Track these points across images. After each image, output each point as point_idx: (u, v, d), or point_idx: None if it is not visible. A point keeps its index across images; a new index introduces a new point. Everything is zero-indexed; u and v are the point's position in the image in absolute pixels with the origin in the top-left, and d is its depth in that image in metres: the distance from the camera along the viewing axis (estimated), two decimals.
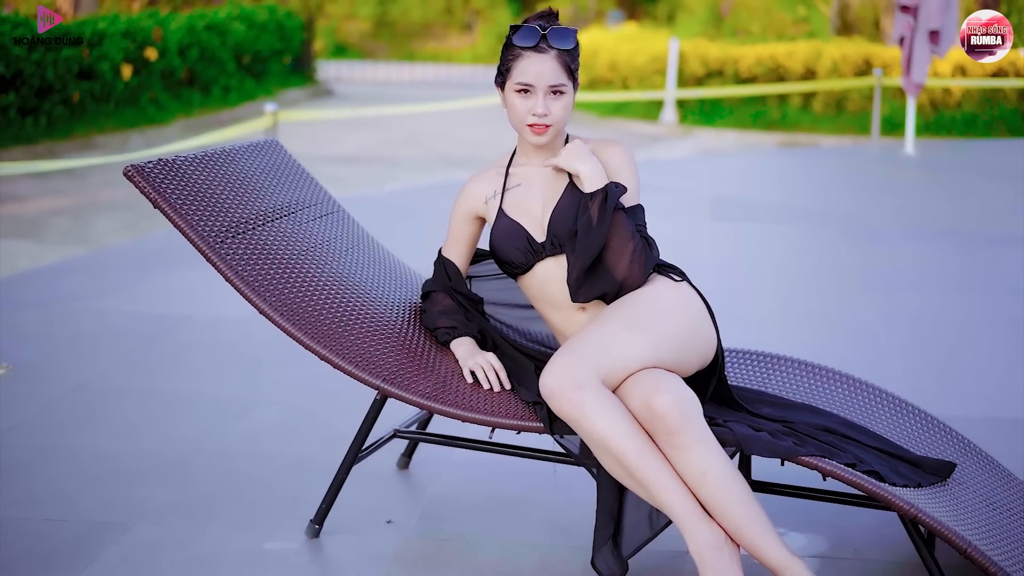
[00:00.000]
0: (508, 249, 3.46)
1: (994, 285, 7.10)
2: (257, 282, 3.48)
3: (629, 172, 3.47)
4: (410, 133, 15.80)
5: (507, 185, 3.54)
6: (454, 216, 3.62)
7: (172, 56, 15.81)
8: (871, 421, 3.77)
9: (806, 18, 24.55)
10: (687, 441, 3.05)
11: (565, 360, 3.14)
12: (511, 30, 3.47)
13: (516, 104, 3.44)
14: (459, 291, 3.62)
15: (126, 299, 6.46)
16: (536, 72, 3.39)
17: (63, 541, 3.54)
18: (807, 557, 3.53)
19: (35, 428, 4.49)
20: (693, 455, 3.05)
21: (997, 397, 5.04)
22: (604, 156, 3.48)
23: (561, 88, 3.41)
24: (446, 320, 3.59)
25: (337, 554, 3.53)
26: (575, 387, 3.07)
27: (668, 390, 3.07)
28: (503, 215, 3.50)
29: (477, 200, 3.58)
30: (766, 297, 6.71)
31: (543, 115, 3.40)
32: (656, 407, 3.05)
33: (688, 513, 3.07)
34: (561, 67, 3.41)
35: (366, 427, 3.59)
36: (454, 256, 3.64)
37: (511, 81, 3.44)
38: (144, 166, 3.51)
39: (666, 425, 3.05)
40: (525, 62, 3.41)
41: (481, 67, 27.66)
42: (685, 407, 3.06)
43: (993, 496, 3.59)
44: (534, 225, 3.46)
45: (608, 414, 3.06)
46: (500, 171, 3.59)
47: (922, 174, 12.11)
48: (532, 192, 3.50)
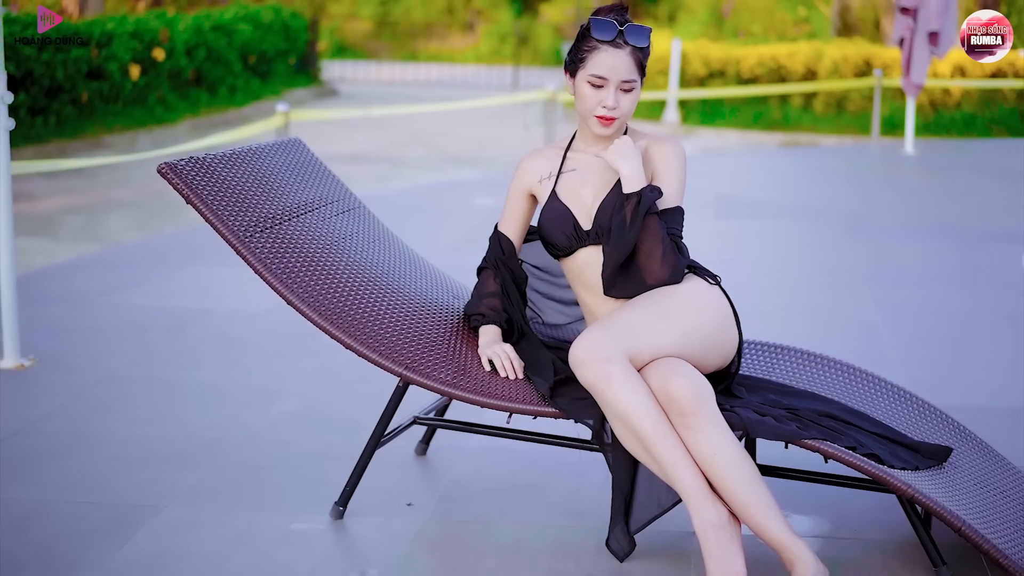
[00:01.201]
0: (554, 232, 3.61)
1: (993, 280, 7.27)
2: (285, 274, 3.64)
3: (676, 172, 3.59)
4: (415, 132, 15.96)
5: (563, 168, 3.68)
6: (510, 191, 3.76)
7: (179, 56, 15.96)
8: (871, 408, 3.92)
9: (807, 19, 24.66)
10: (700, 423, 3.21)
11: (598, 335, 3.30)
12: (589, 20, 3.58)
13: (587, 94, 3.56)
14: (509, 266, 3.75)
15: (145, 294, 6.63)
16: (611, 66, 3.52)
17: (99, 522, 3.70)
18: (810, 537, 3.68)
19: (65, 416, 4.66)
20: (705, 436, 3.22)
21: (994, 387, 5.20)
22: (656, 152, 3.60)
23: (632, 84, 3.55)
24: (483, 307, 3.75)
25: (361, 534, 3.69)
26: (604, 360, 3.24)
27: (684, 374, 3.24)
28: (555, 197, 3.63)
29: (532, 177, 3.72)
30: (769, 291, 6.87)
31: (612, 108, 3.53)
32: (672, 390, 3.22)
33: (696, 491, 3.23)
34: (634, 63, 3.54)
35: (388, 413, 3.75)
36: (508, 231, 3.78)
37: (584, 71, 3.56)
38: (177, 163, 3.67)
39: (681, 407, 3.22)
40: (601, 55, 3.53)
41: (484, 67, 27.79)
42: (699, 391, 3.23)
43: (987, 479, 3.76)
44: (582, 212, 3.60)
45: (632, 389, 3.23)
46: (558, 153, 3.72)
47: (922, 172, 12.28)
48: (586, 179, 3.63)
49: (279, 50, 19.82)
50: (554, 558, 3.51)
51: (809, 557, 3.18)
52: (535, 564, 3.48)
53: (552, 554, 3.54)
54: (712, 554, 3.22)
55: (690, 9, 28.66)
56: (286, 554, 3.53)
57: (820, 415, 3.60)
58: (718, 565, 3.20)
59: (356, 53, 30.50)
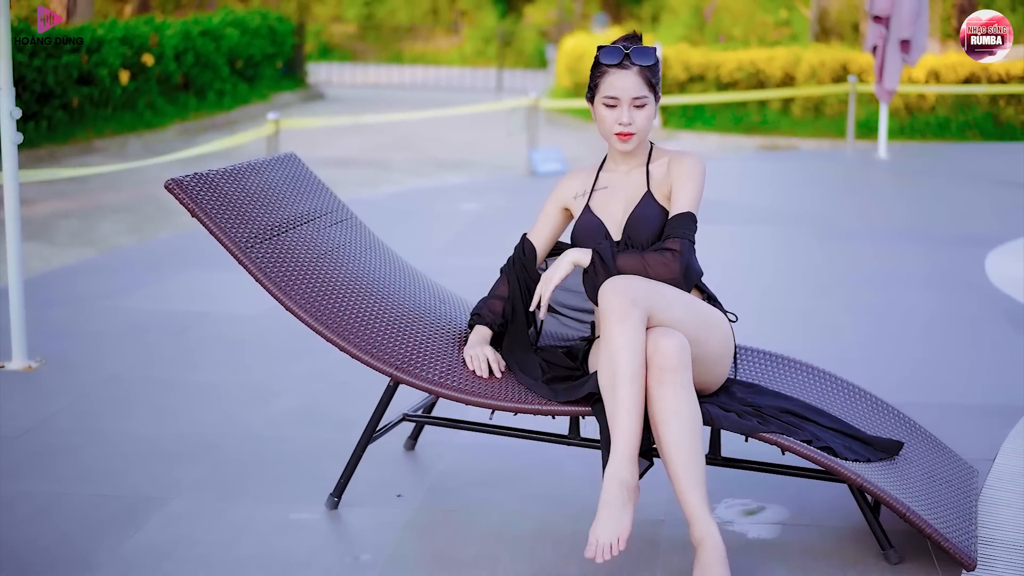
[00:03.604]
0: (586, 241, 3.89)
1: (955, 282, 7.58)
2: (283, 282, 3.94)
3: (692, 180, 3.86)
4: (401, 136, 16.24)
5: (596, 186, 4.00)
6: (546, 205, 4.08)
7: (168, 62, 16.22)
8: (829, 405, 4.22)
9: (787, 21, 24.93)
10: (673, 381, 3.50)
11: (638, 283, 3.60)
12: (598, 50, 3.90)
13: (604, 116, 3.89)
14: (527, 269, 4.04)
15: (144, 297, 6.91)
16: (620, 86, 3.83)
17: (112, 513, 3.99)
18: (769, 524, 3.98)
19: (74, 415, 4.94)
20: (672, 394, 3.50)
21: (951, 385, 5.50)
22: (674, 165, 3.90)
23: (643, 100, 3.85)
24: (485, 308, 4.07)
25: (355, 523, 3.98)
26: (632, 301, 3.53)
27: (676, 337, 3.54)
28: (588, 211, 3.95)
29: (568, 193, 4.04)
30: (741, 295, 7.16)
31: (627, 124, 3.84)
32: (661, 345, 3.51)
33: (627, 446, 3.50)
34: (643, 81, 3.84)
35: (379, 411, 4.04)
36: (535, 238, 4.08)
37: (599, 95, 3.88)
38: (183, 180, 3.97)
39: (663, 362, 3.50)
40: (611, 78, 3.85)
41: (468, 69, 28.07)
42: (683, 356, 3.52)
43: (935, 471, 4.06)
44: (613, 224, 3.91)
45: (634, 337, 3.51)
46: (592, 173, 4.05)
47: (893, 177, 12.61)
48: (616, 196, 3.94)
49: (266, 54, 20.09)
50: (534, 543, 3.79)
51: (716, 539, 3.44)
52: (516, 549, 3.77)
53: (532, 540, 3.82)
54: (609, 504, 3.47)
55: (673, 10, 28.90)
56: (286, 541, 3.81)
57: (780, 411, 3.89)
58: (609, 517, 3.46)
59: (341, 55, 30.73)
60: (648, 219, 3.85)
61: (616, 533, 3.45)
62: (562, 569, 3.64)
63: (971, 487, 4.08)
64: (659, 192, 3.89)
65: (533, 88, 23.19)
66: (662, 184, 3.90)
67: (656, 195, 3.89)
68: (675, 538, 3.84)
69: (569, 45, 21.32)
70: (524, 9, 36.27)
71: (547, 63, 30.05)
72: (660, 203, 3.88)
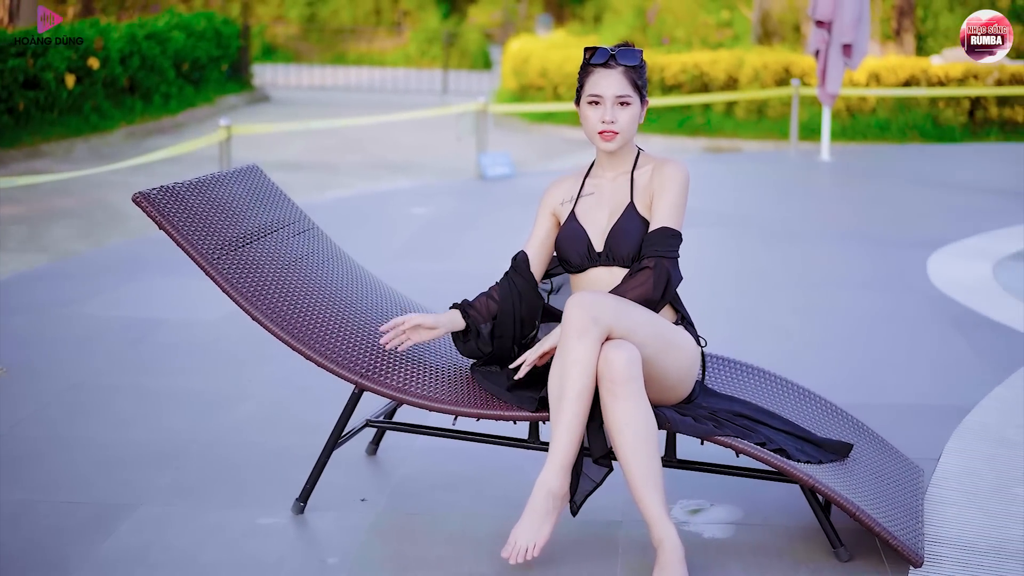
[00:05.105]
0: (569, 250, 3.99)
1: (898, 285, 7.76)
2: (251, 294, 4.03)
3: (670, 190, 3.93)
4: (349, 139, 16.30)
5: (582, 192, 4.07)
6: (538, 211, 4.14)
7: (114, 65, 16.17)
8: (781, 408, 4.36)
9: (729, 22, 25.17)
10: (624, 393, 3.62)
11: (605, 300, 3.69)
12: (585, 51, 3.99)
13: (589, 116, 3.97)
14: (521, 275, 4.06)
15: (103, 304, 6.97)
16: (604, 85, 3.93)
17: (83, 519, 4.06)
18: (724, 524, 4.12)
19: (39, 422, 5.00)
20: (623, 406, 3.62)
21: (896, 386, 5.67)
22: (656, 173, 3.98)
23: (627, 99, 3.93)
24: (469, 300, 4.12)
25: (321, 527, 4.08)
26: (593, 320, 3.63)
27: (626, 349, 3.64)
28: (573, 218, 4.03)
29: (555, 200, 4.11)
30: (689, 298, 7.28)
31: (611, 122, 3.92)
32: (611, 357, 3.62)
33: (562, 457, 3.65)
34: (627, 81, 3.93)
35: (344, 417, 4.14)
36: (531, 247, 4.12)
37: (585, 95, 3.97)
38: (150, 193, 4.05)
39: (613, 374, 3.61)
40: (595, 77, 3.95)
41: (414, 70, 28.13)
42: (632, 367, 3.63)
43: (883, 470, 4.21)
44: (597, 233, 3.99)
45: (587, 354, 3.62)
46: (578, 179, 4.12)
47: (836, 179, 12.84)
48: (602, 203, 4.02)
49: (212, 57, 20.06)
50: (496, 545, 3.89)
51: (674, 540, 3.58)
52: (479, 551, 3.88)
53: (494, 541, 3.92)
54: (535, 511, 3.65)
55: (616, 10, 29.05)
56: (255, 545, 3.91)
57: (734, 415, 4.02)
58: (532, 522, 3.64)
59: (284, 55, 30.68)
60: (629, 232, 3.93)
61: (534, 539, 3.65)
62: (524, 571, 3.75)
63: (917, 486, 4.23)
64: (642, 202, 3.97)
65: (479, 90, 23.31)
66: (645, 193, 3.97)
67: (639, 206, 3.96)
68: (633, 537, 3.97)
69: (515, 47, 21.44)
70: (468, 10, 36.36)
71: (491, 64, 30.16)
72: (642, 215, 3.95)
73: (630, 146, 4.04)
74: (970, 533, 4.01)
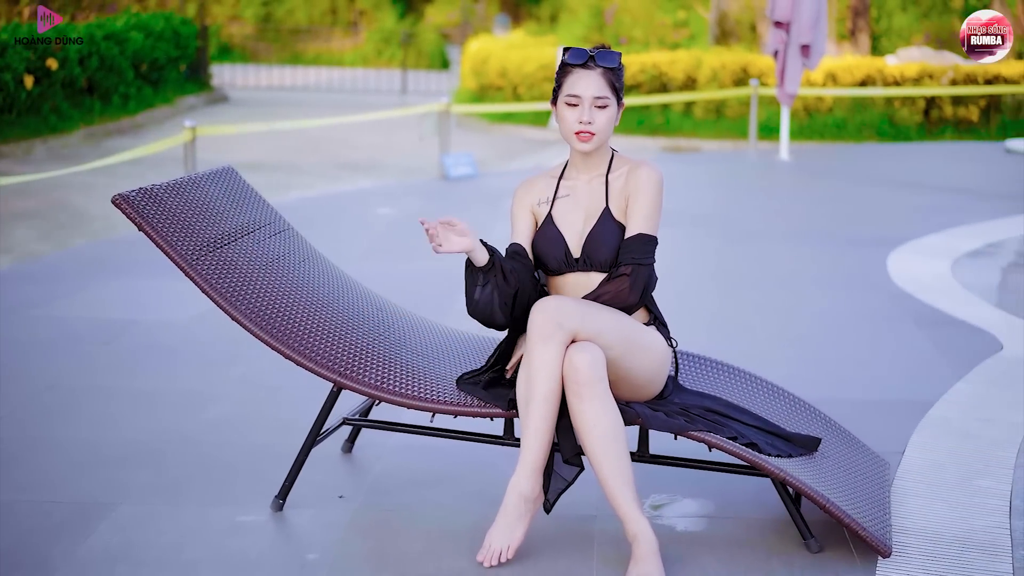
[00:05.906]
0: (547, 254, 4.02)
1: (859, 282, 7.88)
2: (230, 294, 4.08)
3: (644, 194, 3.99)
4: (311, 139, 16.31)
5: (557, 194, 4.08)
6: (514, 215, 4.10)
7: (72, 66, 16.10)
8: (751, 404, 4.44)
9: (686, 22, 25.30)
10: (589, 395, 3.69)
11: (569, 305, 3.73)
12: (564, 51, 4.01)
13: (566, 116, 3.98)
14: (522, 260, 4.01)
15: (72, 306, 6.98)
16: (583, 86, 3.94)
17: (62, 519, 4.10)
18: (696, 517, 4.20)
19: (15, 423, 5.03)
20: (589, 407, 3.69)
21: (860, 381, 5.77)
22: (630, 177, 4.02)
23: (605, 101, 3.95)
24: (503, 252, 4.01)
25: (300, 524, 4.13)
26: (557, 325, 3.69)
27: (589, 352, 3.70)
28: (550, 221, 4.05)
29: (532, 200, 4.09)
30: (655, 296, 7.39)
31: (588, 123, 3.95)
32: (575, 360, 3.69)
33: (532, 460, 3.73)
34: (605, 83, 3.95)
35: (323, 415, 4.19)
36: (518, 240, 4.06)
37: (562, 95, 3.98)
38: (129, 195, 4.09)
39: (578, 377, 3.68)
40: (573, 77, 3.96)
41: (372, 71, 28.12)
42: (596, 369, 3.69)
43: (851, 464, 4.30)
44: (574, 237, 4.02)
45: (552, 358, 3.69)
46: (551, 180, 4.12)
47: (795, 178, 12.97)
48: (578, 205, 4.04)
49: (170, 57, 20.00)
50: (473, 540, 3.95)
51: (648, 534, 3.66)
52: (457, 545, 3.94)
53: (471, 536, 3.98)
54: (508, 514, 3.75)
55: (572, 10, 29.10)
56: (236, 543, 3.95)
57: (706, 410, 4.10)
58: (506, 526, 3.74)
59: (238, 55, 30.58)
60: (605, 238, 3.98)
61: (508, 541, 3.75)
62: (501, 567, 3.81)
63: (884, 479, 4.33)
64: (617, 206, 4.01)
65: (438, 90, 23.35)
66: (620, 197, 4.02)
67: (614, 210, 4.00)
68: (608, 531, 4.03)
69: (474, 48, 21.49)
70: (424, 10, 36.34)
71: (449, 64, 30.19)
72: (618, 219, 4.00)
73: (605, 148, 4.08)
74: (936, 523, 4.11)
